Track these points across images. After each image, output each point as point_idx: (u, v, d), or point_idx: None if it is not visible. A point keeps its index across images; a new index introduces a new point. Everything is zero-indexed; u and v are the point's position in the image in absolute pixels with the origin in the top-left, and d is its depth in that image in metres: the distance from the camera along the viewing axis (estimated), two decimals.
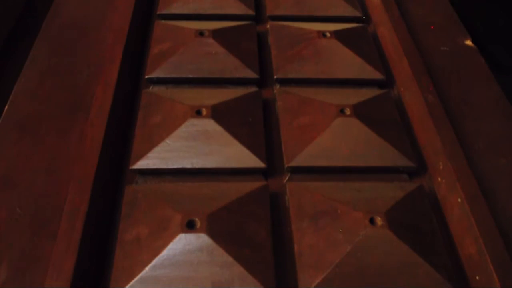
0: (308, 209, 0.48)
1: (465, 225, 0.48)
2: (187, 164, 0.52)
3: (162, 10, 0.70)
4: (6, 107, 0.59)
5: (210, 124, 0.53)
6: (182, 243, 0.43)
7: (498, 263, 0.44)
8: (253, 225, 0.46)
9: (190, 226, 0.44)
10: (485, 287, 0.45)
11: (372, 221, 0.45)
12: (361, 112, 0.55)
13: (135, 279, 0.43)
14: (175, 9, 0.70)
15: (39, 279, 0.45)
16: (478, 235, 0.46)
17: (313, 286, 0.43)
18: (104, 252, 0.48)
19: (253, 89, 0.60)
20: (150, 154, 0.52)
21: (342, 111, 0.55)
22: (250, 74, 0.62)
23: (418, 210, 0.49)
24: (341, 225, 0.46)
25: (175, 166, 0.52)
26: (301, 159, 0.53)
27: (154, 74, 0.61)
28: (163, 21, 0.68)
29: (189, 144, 0.52)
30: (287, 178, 0.54)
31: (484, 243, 0.45)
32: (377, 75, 0.63)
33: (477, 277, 0.46)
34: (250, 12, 0.71)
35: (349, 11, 0.72)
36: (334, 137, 0.54)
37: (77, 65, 0.64)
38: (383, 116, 0.58)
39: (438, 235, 0.48)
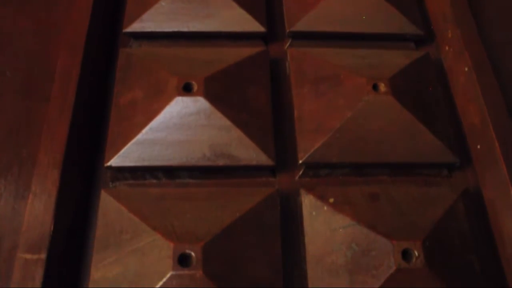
0: (309, 75, 0.46)
1: (470, 94, 0.46)
2: (183, 27, 0.49)
3: None
4: None
5: None
6: (179, 106, 0.42)
7: (500, 131, 0.43)
8: (252, 90, 0.45)
9: (187, 89, 0.42)
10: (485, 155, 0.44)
11: (375, 87, 0.44)
12: None
13: (131, 141, 0.42)
14: None
15: (33, 140, 0.44)
16: (483, 103, 0.44)
17: (312, 151, 0.42)
18: (100, 119, 0.47)
19: None
20: (144, 17, 0.49)
21: None
22: None
23: (423, 78, 0.47)
24: (343, 90, 0.44)
25: (170, 30, 0.49)
26: (303, 24, 0.50)
27: None
28: None
29: (185, 6, 0.49)
30: (288, 43, 0.51)
31: (488, 112, 0.44)
32: None
33: (479, 146, 0.45)
34: None
35: None
36: (339, 1, 0.51)
37: None
38: None
39: (442, 104, 0.47)
